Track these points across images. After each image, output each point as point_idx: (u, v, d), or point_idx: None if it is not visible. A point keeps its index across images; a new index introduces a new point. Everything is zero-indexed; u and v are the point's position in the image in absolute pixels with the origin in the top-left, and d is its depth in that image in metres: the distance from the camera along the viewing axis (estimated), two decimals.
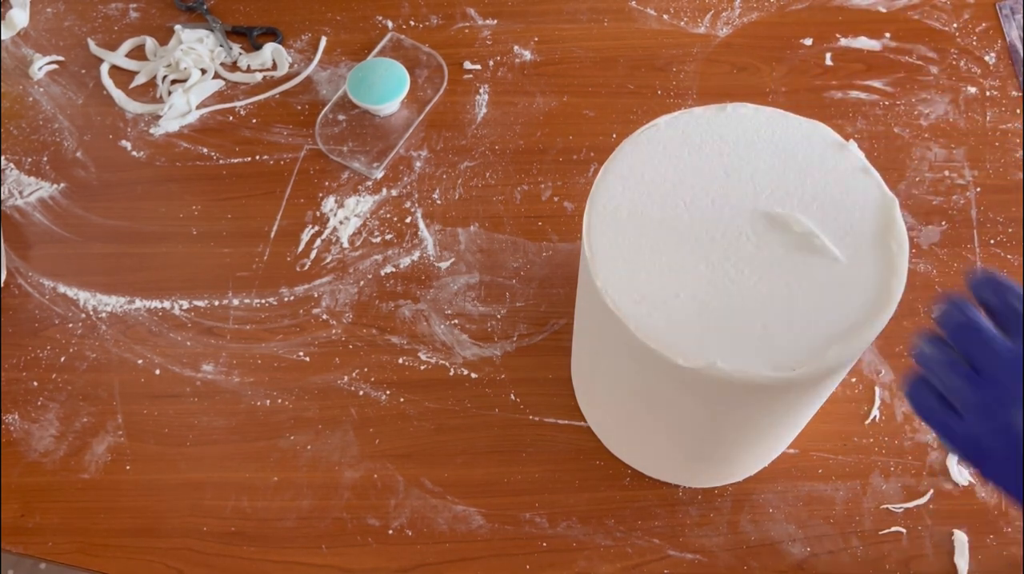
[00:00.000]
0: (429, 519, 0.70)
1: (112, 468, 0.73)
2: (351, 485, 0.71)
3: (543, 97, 0.90)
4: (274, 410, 0.75)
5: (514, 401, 0.74)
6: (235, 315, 0.79)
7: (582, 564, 0.68)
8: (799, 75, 0.90)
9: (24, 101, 0.92)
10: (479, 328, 0.77)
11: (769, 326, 0.51)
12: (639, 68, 0.91)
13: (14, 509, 0.71)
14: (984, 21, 0.93)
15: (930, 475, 0.70)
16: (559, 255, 0.81)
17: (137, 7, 0.97)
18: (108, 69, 0.93)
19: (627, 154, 0.58)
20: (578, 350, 0.69)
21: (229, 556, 0.69)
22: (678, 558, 0.68)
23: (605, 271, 0.53)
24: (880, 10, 0.94)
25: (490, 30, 0.94)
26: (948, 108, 0.88)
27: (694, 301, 0.52)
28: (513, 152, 0.86)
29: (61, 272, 0.82)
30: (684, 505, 0.70)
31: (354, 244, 0.82)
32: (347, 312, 0.79)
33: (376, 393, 0.75)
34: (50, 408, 0.75)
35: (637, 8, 0.96)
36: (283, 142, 0.88)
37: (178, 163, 0.87)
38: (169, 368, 0.77)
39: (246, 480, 0.72)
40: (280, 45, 0.94)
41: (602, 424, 0.71)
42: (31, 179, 0.87)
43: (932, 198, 0.83)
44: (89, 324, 0.79)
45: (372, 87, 0.86)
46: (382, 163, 0.86)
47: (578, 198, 0.83)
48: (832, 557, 0.68)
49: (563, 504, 0.70)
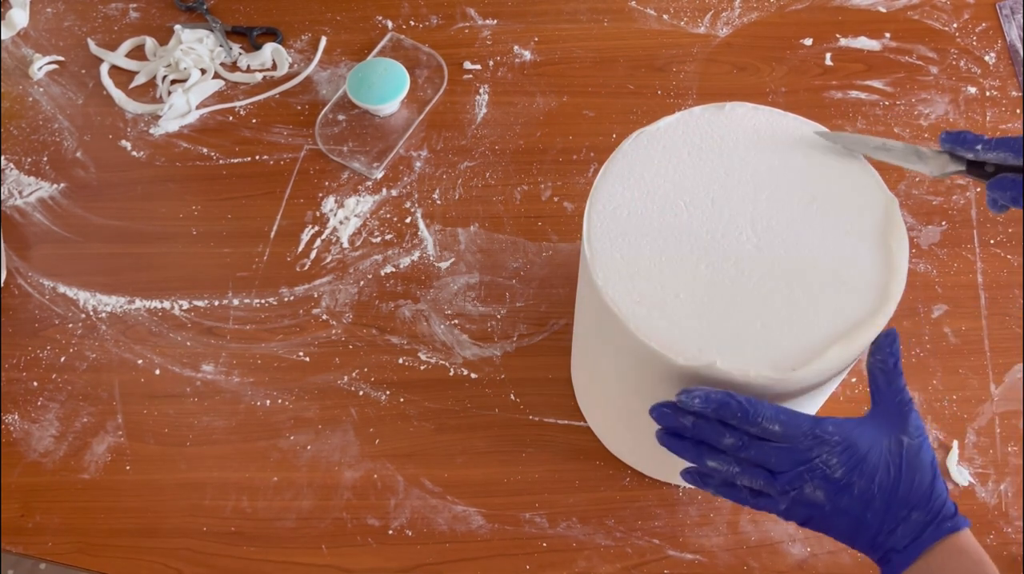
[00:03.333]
0: (429, 519, 0.70)
1: (112, 468, 0.73)
2: (351, 485, 0.71)
3: (543, 97, 0.90)
4: (274, 410, 0.75)
5: (514, 401, 0.74)
6: (235, 315, 0.79)
7: (582, 564, 0.68)
8: (799, 75, 0.90)
9: (24, 101, 0.92)
10: (479, 328, 0.77)
11: (769, 326, 0.51)
12: (639, 68, 0.91)
13: (14, 509, 0.71)
14: (984, 21, 0.93)
15: None
16: (559, 255, 0.81)
17: (137, 7, 0.97)
18: (108, 69, 0.93)
19: (627, 154, 0.58)
20: (578, 350, 0.69)
21: (229, 556, 0.69)
22: (678, 558, 0.68)
23: (605, 271, 0.53)
24: (880, 10, 0.94)
25: (490, 30, 0.94)
26: (948, 108, 0.88)
27: (694, 301, 0.52)
28: (513, 152, 0.86)
29: (61, 272, 0.82)
30: (684, 505, 0.70)
31: (354, 244, 0.82)
32: (347, 312, 0.79)
33: (376, 393, 0.75)
34: (50, 408, 0.75)
35: (637, 8, 0.96)
36: (283, 142, 0.88)
37: (178, 163, 0.87)
38: (169, 368, 0.77)
39: (246, 480, 0.72)
40: (280, 45, 0.94)
41: (602, 424, 0.71)
42: (31, 179, 0.87)
43: (932, 198, 0.83)
44: (89, 324, 0.79)
45: (372, 87, 0.86)
46: (382, 163, 0.86)
47: (578, 198, 0.83)
48: (832, 557, 0.68)
49: (563, 504, 0.70)
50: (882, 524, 0.49)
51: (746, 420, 0.49)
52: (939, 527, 0.48)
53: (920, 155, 0.56)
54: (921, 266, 0.79)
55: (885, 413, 0.51)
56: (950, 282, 0.79)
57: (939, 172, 0.55)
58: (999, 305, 0.77)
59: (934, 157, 0.56)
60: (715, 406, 0.49)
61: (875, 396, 0.52)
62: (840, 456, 0.49)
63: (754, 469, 0.51)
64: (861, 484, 0.49)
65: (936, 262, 0.80)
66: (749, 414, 0.48)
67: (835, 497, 0.49)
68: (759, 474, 0.50)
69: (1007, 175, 0.53)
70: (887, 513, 0.49)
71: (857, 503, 0.49)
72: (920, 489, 0.49)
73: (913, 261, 0.79)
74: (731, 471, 0.51)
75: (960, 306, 0.78)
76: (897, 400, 0.51)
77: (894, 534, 0.49)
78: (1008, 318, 0.77)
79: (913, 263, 0.79)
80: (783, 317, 0.52)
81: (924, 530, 0.48)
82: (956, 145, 0.54)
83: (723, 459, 0.51)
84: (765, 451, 0.49)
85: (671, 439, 0.52)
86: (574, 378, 0.74)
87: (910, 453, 0.49)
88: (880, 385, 0.51)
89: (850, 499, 0.49)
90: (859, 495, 0.49)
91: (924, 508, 0.49)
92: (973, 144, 0.54)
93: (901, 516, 0.49)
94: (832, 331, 0.51)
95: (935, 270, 0.79)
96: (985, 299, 0.78)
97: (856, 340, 0.51)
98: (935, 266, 0.79)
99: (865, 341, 0.51)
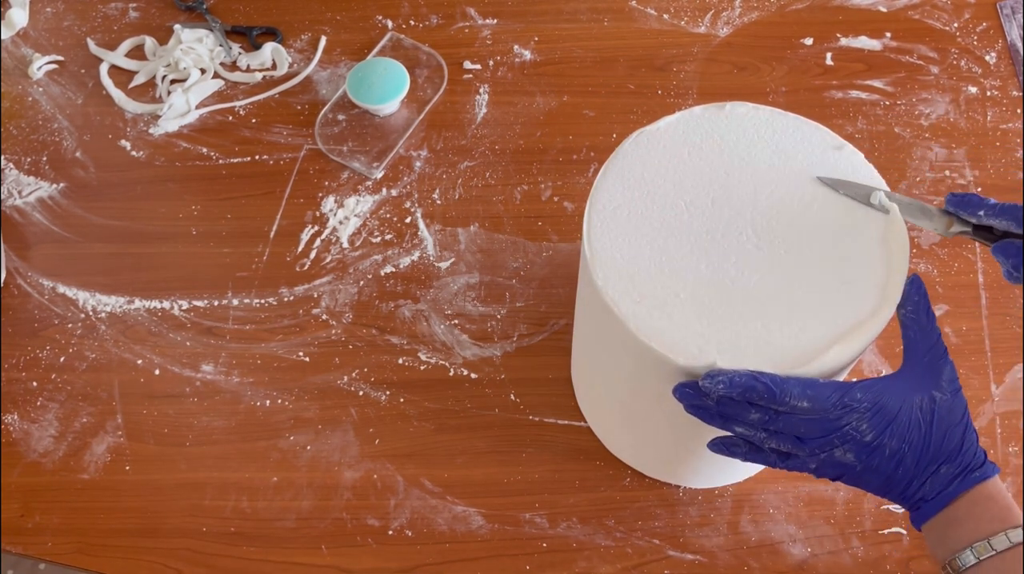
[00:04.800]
0: (429, 519, 0.70)
1: (112, 468, 0.73)
2: (351, 485, 0.71)
3: (543, 97, 0.90)
4: (274, 410, 0.75)
5: (514, 401, 0.74)
6: (235, 315, 0.79)
7: (582, 564, 0.68)
8: (799, 75, 0.90)
9: (24, 101, 0.92)
10: (479, 328, 0.77)
11: (769, 326, 0.51)
12: (639, 68, 0.91)
13: (14, 509, 0.71)
14: (985, 21, 0.93)
15: None
16: (559, 255, 0.81)
17: (137, 7, 0.97)
18: (108, 69, 0.93)
19: (627, 154, 0.58)
20: (578, 350, 0.69)
21: (229, 556, 0.69)
22: (678, 558, 0.68)
23: (605, 271, 0.53)
24: (880, 10, 0.94)
25: (490, 30, 0.94)
26: (949, 108, 0.88)
27: (694, 301, 0.52)
28: (513, 152, 0.86)
29: (60, 272, 0.82)
30: (684, 505, 0.70)
31: (354, 244, 0.82)
32: (347, 312, 0.79)
33: (376, 393, 0.75)
34: (50, 408, 0.75)
35: (637, 8, 0.95)
36: (283, 142, 0.88)
37: (178, 163, 0.87)
38: (169, 368, 0.77)
39: (246, 480, 0.72)
40: (280, 45, 0.94)
41: (602, 424, 0.71)
42: (31, 179, 0.87)
43: (933, 198, 0.83)
44: (89, 324, 0.79)
45: (372, 87, 0.86)
46: (382, 163, 0.86)
47: (578, 198, 0.83)
48: (832, 557, 0.68)
49: (563, 504, 0.70)
50: (912, 479, 0.50)
51: (773, 400, 0.48)
52: (966, 478, 0.50)
53: (926, 212, 0.54)
54: (921, 266, 0.79)
55: (919, 366, 0.51)
56: (951, 282, 0.79)
57: (944, 231, 0.54)
58: (1000, 305, 0.77)
59: (940, 216, 0.54)
60: (740, 390, 0.48)
61: (908, 349, 0.52)
62: (871, 421, 0.49)
63: (782, 435, 0.51)
64: (892, 445, 0.49)
65: (936, 262, 0.79)
66: (776, 395, 0.48)
67: (866, 458, 0.50)
68: (788, 439, 0.51)
69: (1010, 241, 0.52)
70: (916, 469, 0.50)
71: (888, 462, 0.50)
72: (949, 445, 0.50)
73: (913, 261, 0.79)
74: (759, 437, 0.51)
75: (961, 306, 0.77)
76: (932, 352, 0.51)
77: (924, 486, 0.50)
78: (1008, 318, 0.77)
79: (913, 263, 0.79)
80: (783, 317, 0.52)
81: (952, 482, 0.50)
82: (960, 208, 0.53)
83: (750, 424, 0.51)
84: (794, 422, 0.50)
85: (699, 410, 0.52)
86: (574, 378, 0.74)
87: (942, 409, 0.50)
88: (913, 336, 0.52)
89: (881, 458, 0.50)
90: (890, 455, 0.50)
91: (954, 461, 0.50)
92: (976, 209, 0.52)
93: (931, 471, 0.50)
94: (832, 331, 0.51)
95: (935, 270, 0.79)
96: (986, 299, 0.78)
97: (856, 340, 0.51)
98: (935, 266, 0.79)
99: (865, 341, 0.51)
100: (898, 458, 0.50)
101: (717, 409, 0.51)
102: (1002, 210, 0.51)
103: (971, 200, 0.52)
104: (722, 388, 0.48)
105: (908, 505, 0.52)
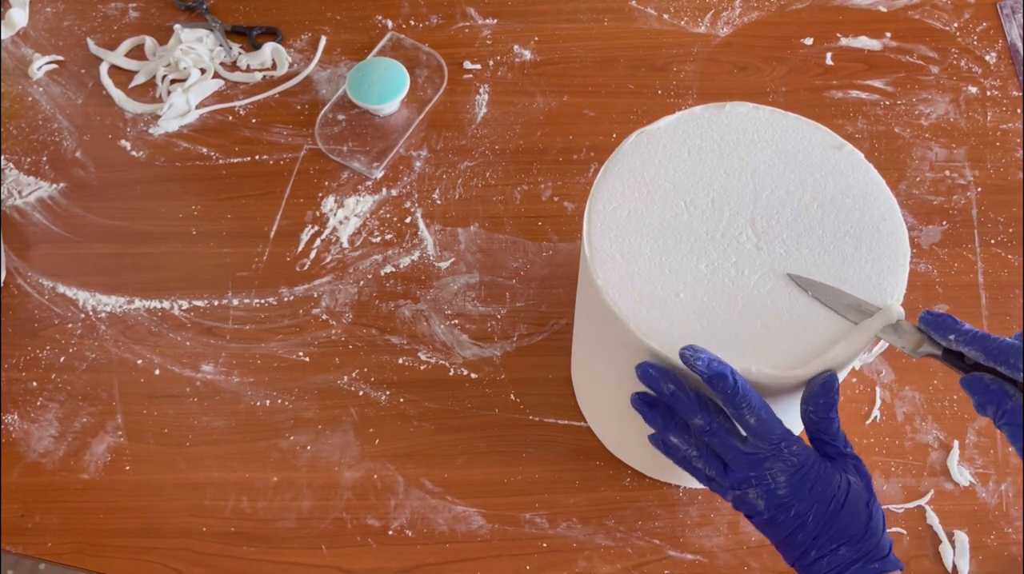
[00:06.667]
0: (429, 519, 0.70)
1: (112, 468, 0.73)
2: (351, 485, 0.71)
3: (543, 97, 0.90)
4: (274, 410, 0.75)
5: (514, 401, 0.74)
6: (235, 315, 0.79)
7: (582, 564, 0.68)
8: (799, 75, 0.90)
9: (24, 101, 0.92)
10: (479, 328, 0.77)
11: (769, 326, 0.51)
12: (639, 68, 0.91)
13: (14, 509, 0.71)
14: (985, 21, 0.93)
15: (931, 475, 0.70)
16: (559, 255, 0.81)
17: (137, 7, 0.97)
18: (107, 69, 0.93)
19: (627, 154, 0.58)
20: (578, 350, 0.69)
21: (229, 556, 0.69)
22: (678, 558, 0.68)
23: (605, 271, 0.53)
24: (881, 10, 0.94)
25: (490, 30, 0.94)
26: (949, 108, 0.88)
27: (694, 301, 0.52)
28: (513, 152, 0.86)
29: (60, 272, 0.82)
30: (684, 505, 0.70)
31: (354, 244, 0.82)
32: (347, 312, 0.79)
33: (376, 393, 0.75)
34: (50, 408, 0.75)
35: (637, 8, 0.95)
36: (283, 142, 0.88)
37: (178, 163, 0.87)
38: (169, 368, 0.77)
39: (246, 480, 0.72)
40: (280, 45, 0.94)
41: (602, 424, 0.71)
42: (30, 179, 0.87)
43: (933, 198, 0.83)
44: (88, 324, 0.79)
45: (372, 87, 0.86)
46: (382, 163, 0.86)
47: (578, 198, 0.83)
48: None
49: (563, 504, 0.70)
50: (810, 548, 0.51)
51: (731, 400, 0.49)
52: (866, 566, 0.50)
53: (897, 328, 0.50)
54: (921, 266, 0.79)
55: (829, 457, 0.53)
56: (951, 282, 0.79)
57: (912, 350, 0.50)
58: (1000, 305, 0.77)
59: (911, 333, 0.50)
60: (712, 374, 0.48)
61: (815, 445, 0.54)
62: (790, 477, 0.50)
63: (711, 457, 0.53)
64: (798, 507, 0.51)
65: (936, 262, 0.79)
66: (738, 394, 0.49)
67: (773, 509, 0.51)
68: (714, 463, 0.53)
69: (979, 375, 0.47)
70: (816, 540, 0.51)
71: (792, 521, 0.51)
72: (853, 529, 0.51)
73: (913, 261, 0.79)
74: (690, 453, 0.53)
75: (961, 306, 0.77)
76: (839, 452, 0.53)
77: (820, 562, 0.51)
78: (1008, 318, 0.77)
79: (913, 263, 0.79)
80: (783, 317, 0.52)
81: (851, 565, 0.51)
82: (932, 328, 0.49)
83: (685, 439, 0.53)
84: (725, 445, 0.51)
85: (643, 406, 0.54)
86: (574, 378, 0.74)
87: (854, 493, 0.52)
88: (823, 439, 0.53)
89: (786, 516, 0.51)
90: (795, 516, 0.51)
91: (854, 546, 0.51)
92: (947, 332, 0.48)
93: (830, 548, 0.51)
94: (832, 331, 0.51)
95: (935, 270, 0.79)
96: (986, 299, 0.78)
97: (856, 340, 0.51)
98: (935, 266, 0.79)
99: (864, 341, 0.51)
100: (801, 521, 0.51)
101: (669, 398, 0.51)
102: (973, 339, 0.47)
103: (944, 321, 0.48)
104: (700, 364, 0.48)
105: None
